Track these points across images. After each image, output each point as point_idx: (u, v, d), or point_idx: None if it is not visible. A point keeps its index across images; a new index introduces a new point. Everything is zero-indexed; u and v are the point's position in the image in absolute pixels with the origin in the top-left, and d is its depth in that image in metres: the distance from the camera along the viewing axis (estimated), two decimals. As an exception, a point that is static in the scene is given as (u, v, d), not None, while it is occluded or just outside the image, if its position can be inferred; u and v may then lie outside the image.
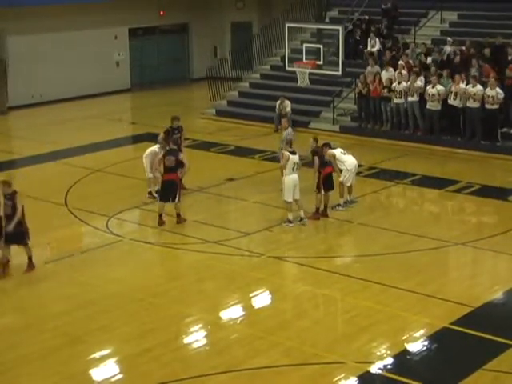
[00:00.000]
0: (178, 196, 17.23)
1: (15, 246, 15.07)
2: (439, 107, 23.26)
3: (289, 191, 16.93)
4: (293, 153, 16.96)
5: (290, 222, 17.17)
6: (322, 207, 17.65)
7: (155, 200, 18.27)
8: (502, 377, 11.15)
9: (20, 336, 12.58)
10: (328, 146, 17.91)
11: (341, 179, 17.98)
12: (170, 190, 17.19)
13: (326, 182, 17.48)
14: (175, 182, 17.22)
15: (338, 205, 18.11)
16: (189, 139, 20.63)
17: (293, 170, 16.91)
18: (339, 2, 30.81)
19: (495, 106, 22.29)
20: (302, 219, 17.20)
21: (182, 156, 17.36)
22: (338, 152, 17.95)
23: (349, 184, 18.10)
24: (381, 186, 20.23)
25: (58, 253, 16.15)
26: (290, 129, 19.34)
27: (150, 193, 18.98)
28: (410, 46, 26.27)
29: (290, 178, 16.91)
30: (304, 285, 14.43)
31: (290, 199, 17.00)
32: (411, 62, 25.17)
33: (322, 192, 17.48)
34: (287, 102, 25.82)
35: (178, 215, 17.42)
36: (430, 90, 23.19)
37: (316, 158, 17.35)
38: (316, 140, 17.76)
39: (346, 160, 18.00)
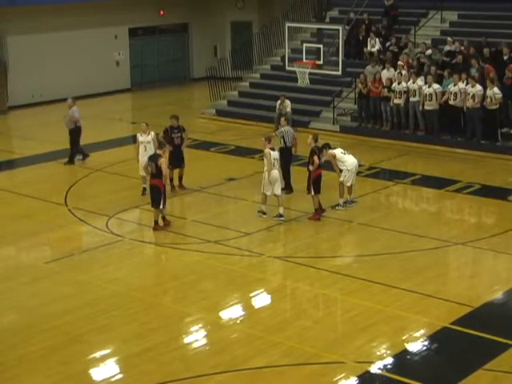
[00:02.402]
0: (161, 202, 16.92)
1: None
2: (437, 107, 23.24)
3: (267, 185, 17.38)
4: (272, 149, 17.48)
5: (264, 213, 17.63)
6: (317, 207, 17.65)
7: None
8: (501, 377, 11.15)
9: (20, 335, 12.58)
10: (328, 146, 17.98)
11: (341, 179, 17.99)
12: (153, 195, 17.03)
13: (317, 184, 17.44)
14: (158, 188, 16.89)
15: (338, 205, 18.12)
16: (189, 139, 20.63)
17: (273, 165, 17.37)
18: (339, 1, 30.81)
19: (494, 106, 22.29)
20: (280, 215, 17.50)
21: (160, 161, 16.85)
22: (338, 152, 17.98)
23: (349, 184, 18.10)
24: (381, 186, 20.24)
25: (58, 252, 16.16)
26: (288, 127, 19.33)
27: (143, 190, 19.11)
28: (408, 46, 26.29)
29: (272, 174, 17.36)
30: (304, 285, 14.43)
31: (269, 192, 17.44)
32: (410, 61, 25.17)
33: (312, 193, 17.46)
34: (287, 102, 25.79)
35: (156, 222, 17.10)
36: (426, 89, 23.17)
37: (316, 158, 17.32)
38: (315, 139, 17.70)
39: (347, 160, 18.02)
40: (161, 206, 16.97)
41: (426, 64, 24.77)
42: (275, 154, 17.47)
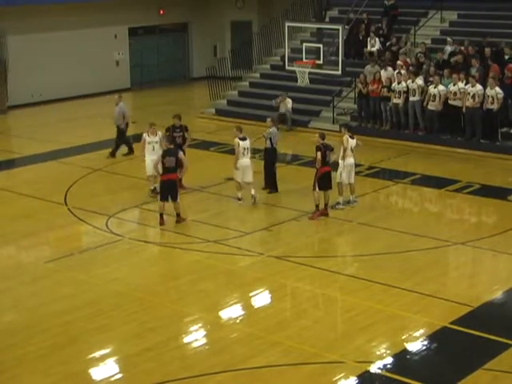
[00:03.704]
0: (177, 195, 17.23)
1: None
2: (440, 107, 23.26)
3: (238, 173, 18.32)
4: (243, 139, 18.30)
5: (240, 199, 18.51)
6: (321, 206, 17.63)
7: (155, 198, 18.29)
8: (501, 376, 11.15)
9: (20, 335, 12.57)
10: (347, 127, 18.51)
11: (337, 175, 17.96)
12: (169, 189, 17.17)
13: (322, 181, 17.46)
14: (175, 182, 17.21)
15: (338, 203, 18.08)
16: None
17: (243, 154, 18.24)
18: (339, 1, 30.80)
19: (495, 106, 22.27)
20: (253, 197, 18.50)
21: (181, 155, 17.33)
22: (351, 144, 17.90)
23: (346, 182, 18.02)
24: (381, 186, 20.23)
25: (58, 252, 16.15)
26: (274, 128, 19.38)
27: (153, 190, 19.05)
28: (407, 46, 26.28)
29: (241, 162, 18.23)
30: (304, 284, 14.42)
31: (239, 179, 18.42)
32: (408, 60, 25.18)
33: (317, 189, 17.47)
34: (289, 100, 25.97)
35: (178, 214, 17.41)
36: (431, 90, 23.18)
37: (319, 154, 17.34)
38: (322, 137, 17.71)
39: (347, 159, 17.98)
40: (178, 200, 17.24)
41: (425, 64, 24.77)
42: (245, 144, 18.25)
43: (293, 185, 19.60)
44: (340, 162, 17.99)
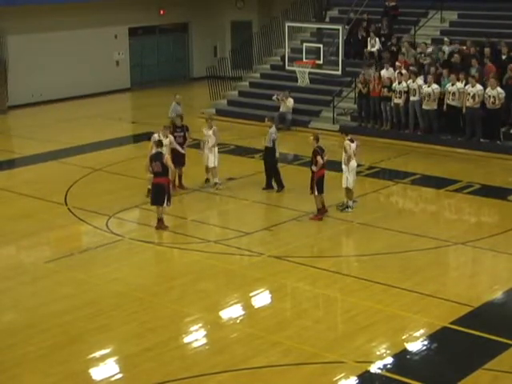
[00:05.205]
0: (166, 200, 16.88)
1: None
2: (435, 106, 23.25)
3: (215, 159, 19.77)
4: (208, 128, 19.73)
5: (219, 184, 19.71)
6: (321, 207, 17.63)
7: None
8: (501, 376, 11.15)
9: (20, 335, 12.57)
10: (346, 132, 18.28)
11: (343, 183, 17.88)
12: (158, 194, 16.95)
13: (321, 184, 17.43)
14: (163, 186, 16.85)
15: (347, 206, 17.99)
16: (190, 138, 20.62)
17: (206, 143, 19.70)
18: (339, 1, 30.81)
19: (497, 106, 22.26)
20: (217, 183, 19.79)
21: (165, 159, 16.92)
22: (352, 149, 17.83)
23: (351, 186, 17.99)
24: (381, 186, 20.23)
25: (58, 252, 16.15)
26: (273, 128, 19.40)
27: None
28: (405, 46, 26.27)
29: (217, 150, 19.85)
30: (304, 284, 14.42)
31: (212, 165, 19.77)
32: (408, 61, 25.17)
33: (316, 193, 17.43)
34: (290, 100, 26.00)
35: (159, 220, 17.11)
36: (425, 89, 23.19)
37: (319, 158, 17.28)
38: (317, 139, 17.66)
39: (351, 162, 17.94)
40: (165, 204, 16.94)
41: (425, 64, 24.77)
42: (207, 133, 19.67)
43: (293, 185, 19.58)
44: (344, 167, 17.86)
